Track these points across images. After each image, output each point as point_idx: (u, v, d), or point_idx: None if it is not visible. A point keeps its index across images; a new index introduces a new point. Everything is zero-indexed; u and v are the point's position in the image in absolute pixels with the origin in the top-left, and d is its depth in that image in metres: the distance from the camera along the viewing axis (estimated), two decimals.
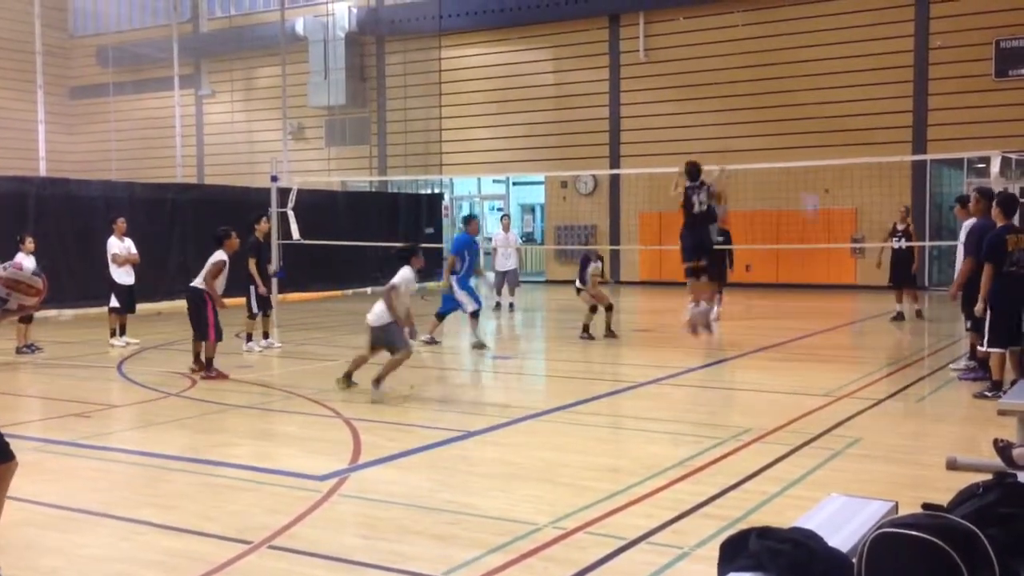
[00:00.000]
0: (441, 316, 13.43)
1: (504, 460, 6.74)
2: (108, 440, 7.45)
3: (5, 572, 4.48)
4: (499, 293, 18.30)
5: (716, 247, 15.26)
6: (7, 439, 4.29)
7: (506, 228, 18.19)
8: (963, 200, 11.01)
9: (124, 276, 13.34)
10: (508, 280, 18.03)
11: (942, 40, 21.86)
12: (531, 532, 4.99)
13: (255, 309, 12.79)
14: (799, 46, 23.22)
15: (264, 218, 13.36)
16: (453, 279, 13.05)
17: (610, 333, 13.73)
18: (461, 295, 13.00)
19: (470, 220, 13.66)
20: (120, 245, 13.40)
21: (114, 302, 13.32)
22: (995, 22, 21.23)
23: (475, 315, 12.99)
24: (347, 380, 9.35)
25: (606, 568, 4.49)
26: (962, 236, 10.23)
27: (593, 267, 13.80)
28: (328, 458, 6.71)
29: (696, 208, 12.09)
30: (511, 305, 18.13)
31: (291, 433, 7.78)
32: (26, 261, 12.49)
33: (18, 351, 12.46)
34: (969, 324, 9.72)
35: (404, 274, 9.23)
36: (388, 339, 9.13)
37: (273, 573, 4.52)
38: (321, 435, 7.60)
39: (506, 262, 17.95)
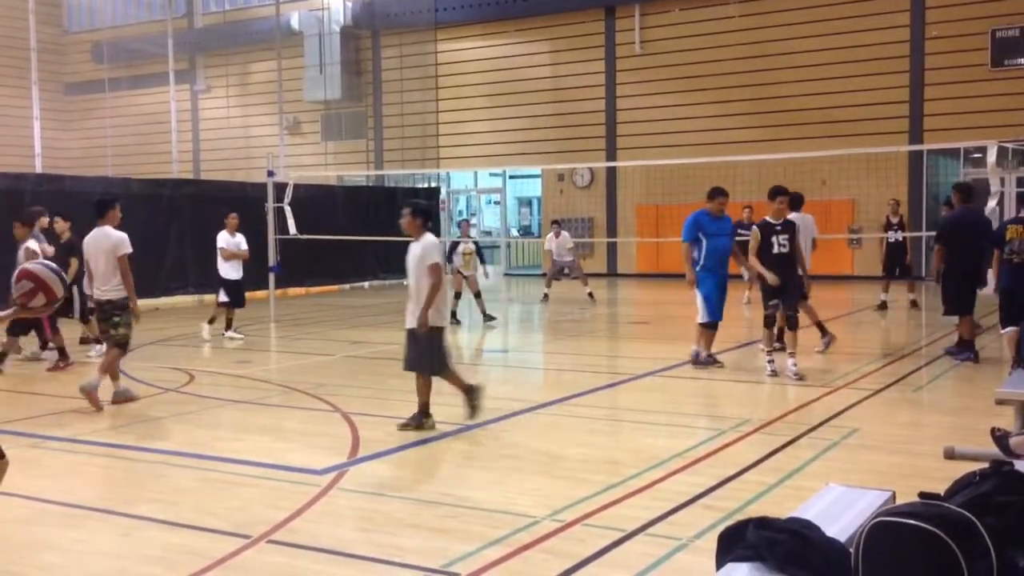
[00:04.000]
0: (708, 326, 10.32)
1: (502, 453, 6.75)
2: (107, 436, 7.44)
3: (5, 568, 4.48)
4: (548, 285, 18.54)
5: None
6: (0, 436, 4.29)
7: (557, 235, 18.20)
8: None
9: (231, 271, 13.54)
10: (570, 270, 18.28)
11: (938, 30, 21.84)
12: (529, 525, 4.99)
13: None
14: (795, 37, 23.19)
15: (58, 219, 12.62)
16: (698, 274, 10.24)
17: (488, 317, 14.71)
18: (699, 299, 10.20)
19: (715, 194, 10.36)
20: (230, 240, 13.62)
21: (223, 296, 13.54)
22: (991, 11, 21.20)
23: (709, 327, 10.26)
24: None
25: (604, 560, 4.50)
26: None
27: (464, 246, 14.88)
28: (327, 452, 6.71)
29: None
30: (590, 295, 18.03)
31: (290, 428, 7.78)
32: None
33: (82, 341, 12.70)
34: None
35: None
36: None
37: (273, 567, 4.53)
38: (319, 430, 7.61)
39: (561, 259, 18.18)
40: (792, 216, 11.71)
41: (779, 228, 9.64)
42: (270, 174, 16.68)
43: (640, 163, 22.75)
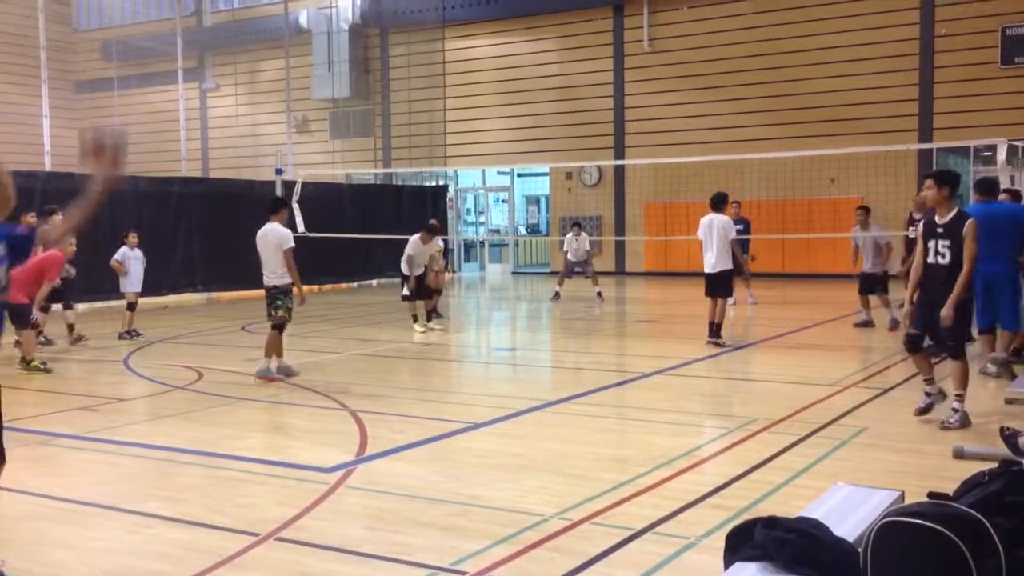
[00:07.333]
0: None
1: (510, 451, 6.75)
2: (116, 434, 7.47)
3: (14, 564, 4.50)
4: (560, 283, 18.60)
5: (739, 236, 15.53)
6: (8, 434, 4.30)
7: (577, 236, 18.32)
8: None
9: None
10: (583, 269, 18.45)
11: (948, 28, 21.76)
12: (538, 523, 5.00)
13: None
14: (804, 35, 23.13)
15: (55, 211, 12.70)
16: None
17: (436, 314, 14.94)
18: None
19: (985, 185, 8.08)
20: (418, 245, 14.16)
21: (404, 291, 14.08)
22: (1001, 9, 21.13)
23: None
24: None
25: (613, 559, 4.50)
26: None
27: (434, 244, 14.98)
28: (335, 450, 6.72)
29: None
30: (599, 294, 18.09)
31: (298, 426, 7.80)
32: (130, 254, 13.34)
33: (120, 336, 13.28)
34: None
35: None
36: None
37: (281, 565, 4.54)
38: (328, 427, 7.62)
39: (577, 259, 18.34)
40: (711, 217, 11.69)
41: (941, 229, 7.09)
42: (278, 172, 16.74)
43: (648, 161, 22.73)
